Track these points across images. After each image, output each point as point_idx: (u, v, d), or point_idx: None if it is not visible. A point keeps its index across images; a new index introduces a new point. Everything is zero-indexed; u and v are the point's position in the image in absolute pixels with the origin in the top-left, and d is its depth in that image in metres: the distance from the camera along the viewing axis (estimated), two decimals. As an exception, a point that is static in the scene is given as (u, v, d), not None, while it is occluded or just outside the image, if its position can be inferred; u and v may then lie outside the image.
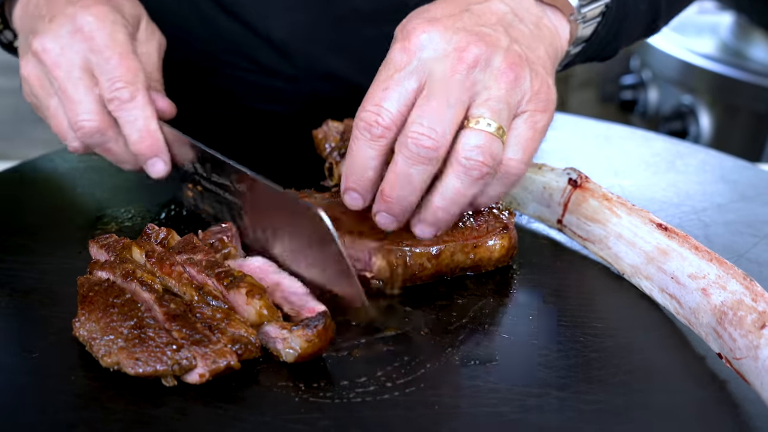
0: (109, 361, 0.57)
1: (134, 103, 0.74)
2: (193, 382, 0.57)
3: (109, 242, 0.68)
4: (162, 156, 0.76)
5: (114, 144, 0.77)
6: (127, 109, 0.74)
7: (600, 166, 0.95)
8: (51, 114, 0.77)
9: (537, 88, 0.65)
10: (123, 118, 0.74)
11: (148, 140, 0.75)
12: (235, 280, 0.62)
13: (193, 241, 0.67)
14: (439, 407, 0.56)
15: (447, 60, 0.63)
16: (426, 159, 0.62)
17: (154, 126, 0.75)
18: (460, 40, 0.63)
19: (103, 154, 0.79)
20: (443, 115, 0.62)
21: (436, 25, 0.64)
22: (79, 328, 0.60)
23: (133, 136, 0.75)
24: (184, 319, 0.59)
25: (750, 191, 0.91)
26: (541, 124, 0.66)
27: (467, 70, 0.63)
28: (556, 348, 0.63)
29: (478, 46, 0.63)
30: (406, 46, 0.64)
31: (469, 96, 0.63)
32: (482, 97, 0.63)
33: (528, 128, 0.65)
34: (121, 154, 0.78)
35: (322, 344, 0.59)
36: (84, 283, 0.63)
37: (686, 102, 1.92)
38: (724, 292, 0.62)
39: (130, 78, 0.74)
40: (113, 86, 0.73)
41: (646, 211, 0.71)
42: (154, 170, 0.77)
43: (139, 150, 0.75)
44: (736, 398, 0.59)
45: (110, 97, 0.73)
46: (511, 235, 0.72)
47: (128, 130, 0.75)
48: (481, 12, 0.66)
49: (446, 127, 0.62)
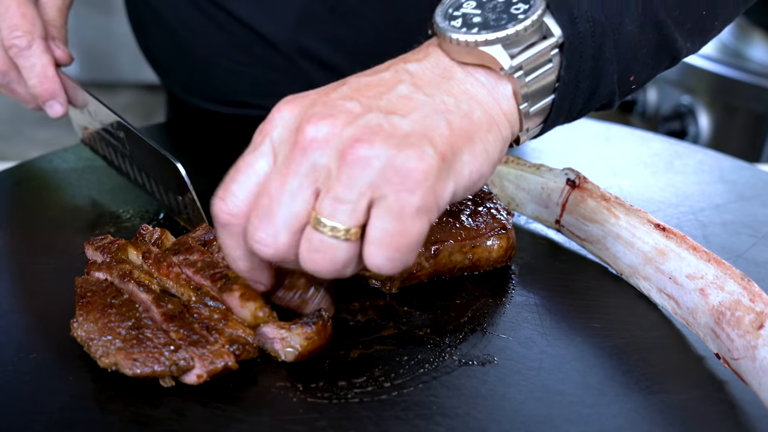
0: (107, 362, 0.57)
1: (31, 50, 0.82)
2: (191, 383, 0.57)
3: (104, 243, 0.68)
4: (58, 98, 0.85)
5: (17, 85, 0.86)
6: (24, 56, 0.82)
7: (598, 167, 0.95)
8: None
9: (400, 163, 0.50)
10: (21, 64, 0.83)
11: (45, 84, 0.84)
12: (228, 282, 0.61)
13: (188, 242, 0.67)
14: (437, 408, 0.57)
15: (287, 144, 0.53)
16: (270, 256, 0.54)
17: (51, 72, 0.84)
18: (306, 117, 0.52)
19: (8, 94, 0.88)
20: (273, 216, 0.53)
21: (293, 102, 0.55)
22: (77, 328, 0.60)
23: (32, 80, 0.83)
24: (182, 319, 0.59)
25: (748, 192, 0.91)
26: (410, 207, 0.50)
27: (302, 154, 0.52)
28: (554, 349, 0.63)
29: (320, 122, 0.51)
30: (263, 126, 0.56)
31: (311, 182, 0.52)
32: (324, 189, 0.52)
33: (390, 218, 0.51)
34: (23, 95, 0.87)
35: (321, 341, 0.59)
36: (81, 284, 0.63)
37: (685, 102, 1.92)
38: (722, 293, 0.62)
39: (27, 27, 0.82)
40: (11, 34, 0.81)
41: (645, 212, 0.71)
42: (52, 111, 0.86)
43: (38, 93, 0.84)
44: (733, 399, 0.59)
45: (9, 44, 0.82)
46: (510, 235, 0.73)
47: (27, 74, 0.83)
48: (366, 83, 0.55)
49: (279, 227, 0.53)
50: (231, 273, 0.63)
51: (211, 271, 0.63)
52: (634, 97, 2.11)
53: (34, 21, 0.82)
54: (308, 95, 0.55)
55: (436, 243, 0.69)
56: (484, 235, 0.71)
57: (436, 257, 0.69)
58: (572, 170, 0.76)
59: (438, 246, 0.69)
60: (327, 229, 0.51)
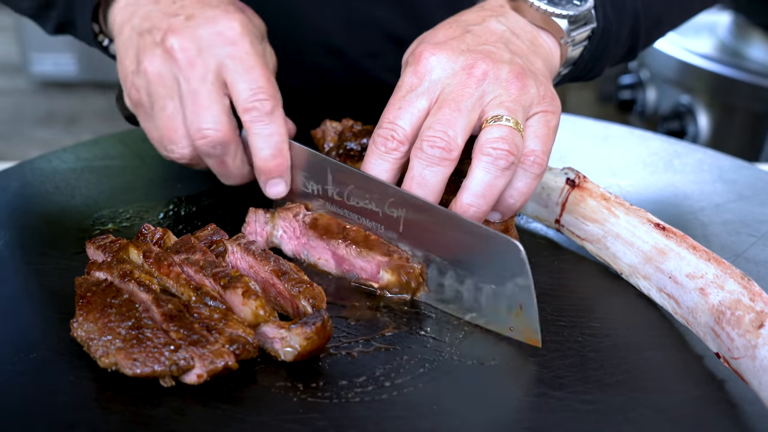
0: (107, 362, 0.57)
1: (273, 116, 0.71)
2: (191, 382, 0.57)
3: (105, 243, 0.68)
4: (285, 177, 0.74)
5: (231, 158, 0.74)
6: (264, 122, 0.71)
7: (598, 166, 0.96)
8: (165, 116, 0.72)
9: (543, 93, 0.69)
10: (258, 131, 0.71)
11: (279, 158, 0.72)
12: (231, 281, 0.62)
13: (190, 241, 0.67)
14: (438, 407, 0.57)
15: (456, 78, 0.68)
16: (440, 159, 0.65)
17: (287, 145, 0.73)
18: (467, 59, 0.68)
19: (213, 166, 0.75)
20: (454, 120, 0.66)
21: (442, 48, 0.69)
22: (77, 328, 0.60)
23: (265, 151, 0.72)
24: (182, 319, 0.59)
25: (748, 191, 0.91)
26: (553, 123, 0.69)
27: (476, 84, 0.67)
28: (554, 348, 0.63)
29: (484, 61, 0.68)
30: (417, 70, 0.69)
31: (480, 104, 0.67)
32: (495, 102, 0.67)
33: (542, 126, 0.69)
34: (233, 170, 0.75)
35: (320, 341, 0.59)
36: (82, 284, 0.63)
37: (684, 102, 1.92)
38: (722, 292, 0.62)
39: (272, 91, 0.72)
40: (255, 96, 0.70)
41: (644, 211, 0.71)
42: (274, 191, 0.74)
43: (267, 167, 0.72)
44: (734, 398, 0.59)
45: (249, 106, 0.71)
46: (512, 236, 0.72)
47: (261, 144, 0.72)
48: (481, 32, 0.71)
49: (458, 130, 0.66)
50: (234, 272, 0.63)
51: (213, 269, 0.63)
52: (634, 96, 2.11)
53: (276, 86, 0.73)
54: (444, 43, 0.70)
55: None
56: None
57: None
58: (572, 170, 0.76)
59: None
60: (506, 120, 0.66)
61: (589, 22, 0.77)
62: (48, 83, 2.45)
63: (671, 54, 1.94)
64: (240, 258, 0.68)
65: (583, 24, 0.77)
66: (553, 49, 0.76)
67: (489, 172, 0.65)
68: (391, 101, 0.69)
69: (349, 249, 0.68)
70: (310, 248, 0.72)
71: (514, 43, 0.72)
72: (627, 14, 0.82)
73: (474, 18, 0.73)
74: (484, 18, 0.73)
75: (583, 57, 0.80)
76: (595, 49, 0.80)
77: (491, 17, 0.73)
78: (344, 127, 0.89)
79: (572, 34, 0.76)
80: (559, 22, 0.74)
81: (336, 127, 0.90)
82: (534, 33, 0.75)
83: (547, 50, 0.75)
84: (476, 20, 0.73)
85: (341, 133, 0.88)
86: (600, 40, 0.79)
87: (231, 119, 0.72)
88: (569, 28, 0.75)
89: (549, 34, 0.75)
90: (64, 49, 2.39)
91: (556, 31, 0.75)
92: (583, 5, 0.75)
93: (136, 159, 0.94)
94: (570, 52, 0.77)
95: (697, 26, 2.04)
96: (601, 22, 0.78)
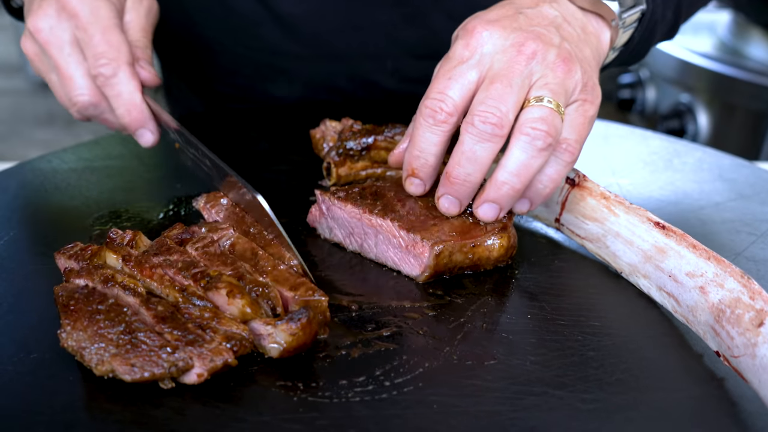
0: (102, 369, 0.56)
1: (117, 78, 0.78)
2: (192, 382, 0.57)
3: (76, 251, 0.66)
4: (148, 126, 0.81)
5: (109, 114, 0.82)
6: (111, 84, 0.78)
7: (598, 165, 0.96)
8: (52, 88, 0.81)
9: (586, 81, 0.71)
10: (108, 93, 0.78)
11: (134, 113, 0.79)
12: (212, 281, 0.61)
13: (166, 242, 0.66)
14: (438, 406, 0.57)
15: (506, 54, 0.69)
16: (491, 135, 0.66)
17: (138, 99, 0.79)
18: (518, 37, 0.70)
19: (101, 122, 0.83)
20: (506, 96, 0.67)
21: (495, 24, 0.71)
22: (66, 338, 0.58)
23: (119, 109, 0.79)
24: (175, 320, 0.58)
25: (747, 189, 0.91)
26: (590, 113, 0.71)
27: (526, 62, 0.68)
28: (554, 347, 0.63)
29: (535, 42, 0.69)
30: (469, 42, 0.70)
31: (528, 83, 0.68)
32: (541, 83, 0.68)
33: (579, 115, 0.70)
34: (116, 123, 0.83)
35: (306, 338, 0.59)
36: (62, 292, 0.61)
37: (684, 100, 1.92)
38: (722, 290, 0.62)
39: (112, 54, 0.77)
40: (97, 63, 0.77)
41: (644, 210, 0.71)
42: (143, 140, 0.82)
43: (126, 122, 0.80)
44: (733, 396, 0.59)
45: (95, 73, 0.78)
46: (510, 234, 0.73)
47: (114, 103, 0.79)
48: (534, 15, 0.73)
49: (509, 106, 0.67)
50: (213, 272, 0.62)
51: (192, 270, 0.63)
52: (633, 95, 2.11)
53: (120, 47, 0.77)
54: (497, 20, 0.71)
55: (437, 243, 0.69)
56: (485, 235, 0.71)
57: (437, 257, 0.69)
58: (572, 168, 0.76)
59: (439, 246, 0.69)
60: (548, 102, 0.67)
61: (638, 3, 0.79)
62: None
63: (671, 53, 1.94)
64: (200, 260, 0.67)
65: (632, 6, 0.78)
66: (602, 35, 0.78)
67: (526, 151, 0.66)
68: (441, 71, 0.70)
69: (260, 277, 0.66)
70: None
71: (564, 28, 0.73)
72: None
73: (528, 2, 0.75)
74: (537, 2, 0.75)
75: (633, 39, 0.81)
76: (644, 30, 0.81)
77: (544, 2, 0.75)
78: (344, 126, 0.89)
79: (623, 17, 0.78)
80: (610, 4, 0.76)
81: (335, 127, 0.91)
82: (584, 20, 0.76)
83: (597, 38, 0.77)
84: (530, 4, 0.74)
85: (341, 133, 0.88)
86: (649, 20, 0.81)
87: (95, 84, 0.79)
88: (620, 11, 0.77)
89: (599, 18, 0.77)
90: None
91: (608, 13, 0.77)
92: None
93: (135, 159, 0.94)
94: (620, 35, 0.79)
95: (696, 25, 2.04)
96: (651, 3, 0.80)
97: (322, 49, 1.08)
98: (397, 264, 0.72)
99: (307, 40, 1.08)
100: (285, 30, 1.06)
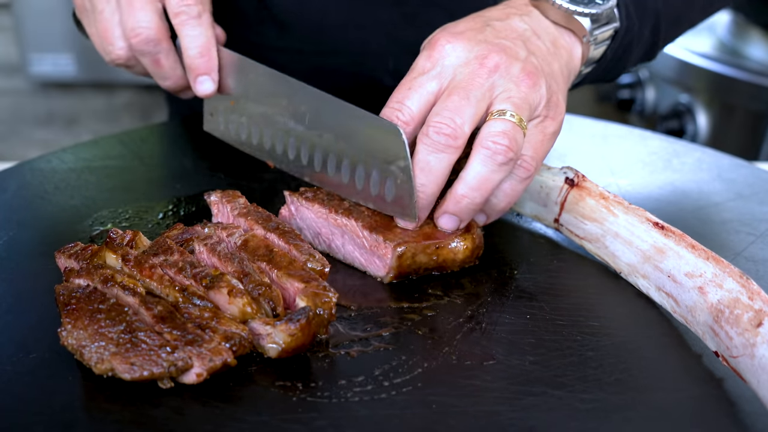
0: (102, 368, 0.57)
1: (201, 20, 0.79)
2: (191, 382, 0.57)
3: (76, 251, 0.67)
4: (213, 75, 0.81)
5: (164, 57, 0.82)
6: (192, 24, 0.79)
7: (597, 165, 0.96)
8: (102, 18, 0.81)
9: (550, 96, 0.70)
10: (186, 32, 0.79)
11: (206, 56, 0.80)
12: (213, 280, 0.61)
13: (166, 243, 0.66)
14: (437, 406, 0.57)
15: (468, 66, 0.69)
16: (445, 146, 0.66)
17: (214, 44, 0.80)
18: (482, 50, 0.69)
19: (148, 65, 0.83)
20: (463, 108, 0.66)
21: (459, 37, 0.70)
22: (66, 337, 0.58)
23: (193, 50, 0.79)
24: (174, 320, 0.58)
25: (746, 190, 0.91)
26: (550, 129, 0.71)
27: (488, 74, 0.68)
28: (553, 347, 0.63)
29: (498, 54, 0.69)
30: (431, 54, 0.70)
31: (489, 95, 0.68)
32: (503, 96, 0.68)
33: (539, 132, 0.70)
34: (167, 69, 0.83)
35: (305, 339, 0.59)
36: (63, 292, 0.61)
37: (683, 101, 1.92)
38: (721, 291, 0.62)
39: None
40: (184, 2, 0.79)
41: (643, 210, 0.71)
42: (202, 87, 0.81)
43: (195, 64, 0.80)
44: (732, 396, 0.59)
45: (178, 11, 0.79)
46: (475, 235, 0.72)
47: (189, 43, 0.79)
48: (502, 28, 0.72)
49: (465, 118, 0.66)
50: (214, 271, 0.62)
51: (193, 270, 0.63)
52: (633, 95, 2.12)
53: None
54: (462, 33, 0.70)
55: (400, 244, 0.69)
56: (448, 237, 0.71)
57: (399, 258, 0.69)
58: (571, 169, 0.76)
59: (401, 248, 0.69)
60: (510, 116, 0.66)
61: (611, 21, 0.78)
62: (47, 83, 2.45)
63: (670, 53, 1.94)
64: (206, 258, 0.67)
65: (605, 23, 0.77)
66: (574, 50, 0.77)
67: (486, 165, 0.66)
68: (402, 82, 0.70)
69: (271, 272, 0.67)
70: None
71: (533, 42, 0.72)
72: (649, 13, 0.82)
73: (497, 14, 0.75)
74: (507, 15, 0.74)
75: (605, 56, 0.80)
76: (617, 48, 0.80)
77: (515, 15, 0.74)
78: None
79: (595, 33, 0.76)
80: (582, 20, 0.75)
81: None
82: (556, 35, 0.75)
83: (569, 53, 0.76)
84: (499, 17, 0.74)
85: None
86: (623, 39, 0.80)
87: (163, 21, 0.80)
88: (592, 27, 0.76)
89: (571, 33, 0.76)
90: (64, 50, 2.39)
91: (579, 29, 0.76)
92: (606, 4, 0.75)
93: (135, 159, 0.94)
94: (592, 51, 0.78)
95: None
96: (624, 21, 0.79)
97: (324, 48, 1.08)
98: (364, 265, 0.72)
99: (308, 39, 1.08)
100: (285, 28, 1.06)
